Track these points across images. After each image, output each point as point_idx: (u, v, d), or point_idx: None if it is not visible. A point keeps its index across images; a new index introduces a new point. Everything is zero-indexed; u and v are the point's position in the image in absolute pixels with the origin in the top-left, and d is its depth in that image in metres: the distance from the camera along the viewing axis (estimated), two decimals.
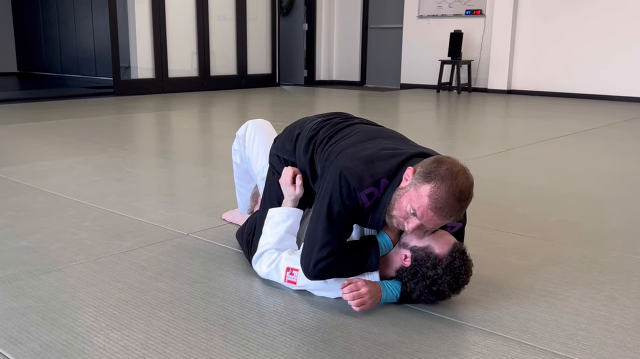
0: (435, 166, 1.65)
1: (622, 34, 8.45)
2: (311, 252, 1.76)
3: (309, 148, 1.99)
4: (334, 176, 1.74)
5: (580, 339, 1.66)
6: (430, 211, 1.63)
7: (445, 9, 10.07)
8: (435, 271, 1.72)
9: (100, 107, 7.08)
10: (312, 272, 1.77)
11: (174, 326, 1.68)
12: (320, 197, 1.77)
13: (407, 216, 1.68)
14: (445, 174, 1.63)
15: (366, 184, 1.71)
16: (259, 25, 10.43)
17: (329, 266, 1.76)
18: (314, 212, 1.80)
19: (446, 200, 1.61)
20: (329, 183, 1.75)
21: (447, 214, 1.64)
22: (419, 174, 1.66)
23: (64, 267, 2.11)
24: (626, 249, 2.39)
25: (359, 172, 1.72)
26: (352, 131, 1.96)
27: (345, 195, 1.71)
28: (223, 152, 4.31)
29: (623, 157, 4.35)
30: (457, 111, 7.41)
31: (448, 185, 1.61)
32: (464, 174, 1.66)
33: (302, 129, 2.09)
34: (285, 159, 2.10)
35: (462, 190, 1.63)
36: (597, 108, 7.64)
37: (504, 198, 3.15)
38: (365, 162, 1.74)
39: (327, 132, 1.98)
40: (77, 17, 12.80)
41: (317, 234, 1.75)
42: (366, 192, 1.71)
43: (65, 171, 3.62)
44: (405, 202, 1.67)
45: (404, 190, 1.68)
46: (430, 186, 1.62)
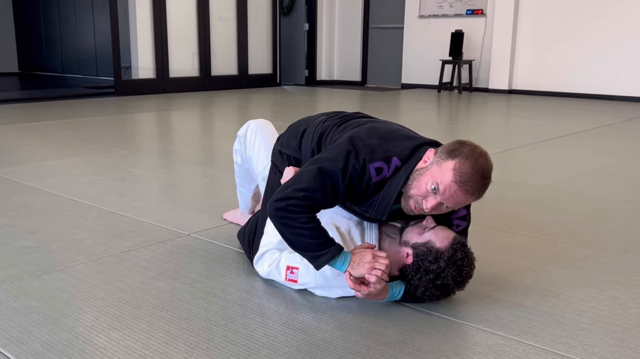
0: (459, 145, 1.68)
1: (622, 34, 8.44)
2: (287, 189, 1.69)
3: (318, 138, 1.98)
4: (345, 143, 1.73)
5: (582, 339, 1.66)
6: (455, 184, 1.63)
7: (446, 9, 10.07)
8: (438, 264, 1.72)
9: (102, 107, 7.09)
10: (277, 205, 1.67)
11: (175, 326, 1.68)
12: (323, 152, 1.74)
13: (427, 194, 1.67)
14: (469, 152, 1.65)
15: (377, 157, 1.71)
16: (260, 25, 10.43)
17: (293, 212, 1.66)
18: (309, 162, 1.77)
19: (471, 175, 1.62)
20: (338, 145, 1.73)
21: (470, 189, 1.64)
22: (441, 153, 1.68)
23: (65, 267, 2.11)
24: (628, 249, 2.39)
25: (372, 145, 1.72)
26: (363, 122, 1.97)
27: (351, 163, 1.69)
28: (224, 152, 4.31)
29: (624, 156, 4.35)
30: (458, 110, 7.40)
31: (473, 161, 1.63)
32: (485, 156, 1.69)
33: (308, 125, 2.09)
34: (289, 156, 2.09)
35: (484, 168, 1.65)
36: (597, 108, 7.63)
37: (505, 198, 3.15)
38: (380, 138, 1.75)
39: (335, 121, 1.99)
40: (78, 17, 12.81)
41: (302, 177, 1.70)
42: (375, 166, 1.71)
43: (66, 171, 3.62)
44: (426, 180, 1.67)
45: (425, 169, 1.69)
46: (455, 161, 1.64)
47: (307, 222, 1.69)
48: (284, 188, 1.73)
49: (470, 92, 9.71)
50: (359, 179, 1.72)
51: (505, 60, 9.43)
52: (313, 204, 1.70)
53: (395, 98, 8.93)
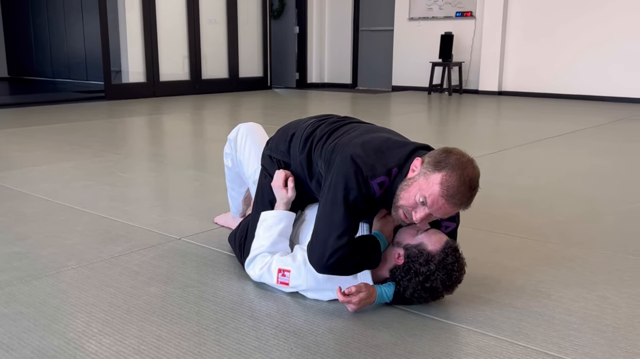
0: (445, 156, 1.67)
1: (611, 35, 8.50)
2: (327, 241, 1.71)
3: (306, 145, 1.98)
4: (347, 163, 1.73)
5: (573, 340, 1.67)
6: (442, 198, 1.64)
7: (436, 11, 10.10)
8: (428, 267, 1.73)
9: (92, 112, 7.06)
10: (329, 261, 1.71)
11: (166, 331, 1.68)
12: (332, 185, 1.74)
13: (416, 205, 1.68)
14: (455, 163, 1.65)
15: (378, 173, 1.72)
16: (250, 29, 10.43)
17: (346, 256, 1.72)
18: (325, 201, 1.76)
19: (458, 188, 1.63)
20: (341, 171, 1.73)
21: (458, 201, 1.65)
22: (428, 164, 1.68)
23: (56, 273, 2.10)
24: (618, 249, 2.40)
25: (371, 161, 1.73)
26: (352, 128, 1.96)
27: (361, 181, 1.71)
28: (215, 156, 4.31)
29: (613, 157, 4.38)
30: (448, 112, 7.43)
31: (459, 174, 1.63)
32: (472, 164, 1.68)
33: (297, 129, 2.09)
34: (279, 160, 2.09)
35: (472, 178, 1.65)
36: (586, 109, 7.68)
37: (496, 199, 3.16)
38: (376, 151, 1.75)
39: (325, 129, 1.98)
40: (68, 21, 12.76)
41: (335, 221, 1.71)
42: (378, 181, 1.72)
43: (57, 176, 3.60)
44: (414, 192, 1.67)
45: (413, 180, 1.69)
46: (442, 174, 1.64)
47: (356, 253, 1.76)
48: (322, 241, 1.73)
49: (460, 94, 9.75)
50: (368, 195, 1.74)
51: (495, 62, 9.47)
52: (354, 236, 1.75)
53: (385, 101, 8.95)
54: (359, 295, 1.75)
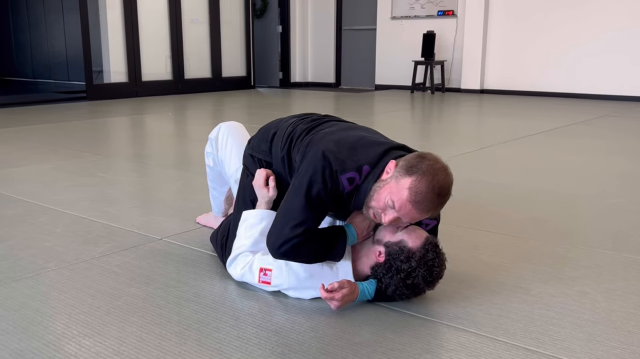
0: (418, 161, 1.67)
1: (591, 34, 8.59)
2: (282, 229, 1.74)
3: (286, 143, 1.98)
4: (316, 156, 1.73)
5: (552, 334, 1.68)
6: (409, 203, 1.65)
7: (418, 10, 10.14)
8: (409, 263, 1.74)
9: (73, 112, 7.00)
10: (281, 249, 1.74)
11: (147, 332, 1.67)
12: (300, 175, 1.75)
13: (385, 208, 1.69)
14: (427, 169, 1.65)
15: (348, 168, 1.72)
16: (233, 28, 10.40)
17: (299, 245, 1.73)
18: (291, 189, 1.77)
19: (425, 194, 1.63)
20: (311, 163, 1.74)
21: (425, 208, 1.66)
22: (400, 168, 1.68)
23: (35, 275, 2.08)
24: (596, 245, 2.43)
25: (342, 156, 1.72)
26: (331, 125, 1.97)
27: (327, 176, 1.71)
28: (197, 156, 4.29)
29: (593, 154, 4.42)
30: (431, 111, 7.46)
31: (429, 180, 1.63)
32: (445, 171, 1.68)
33: (278, 128, 2.09)
34: (260, 159, 2.09)
35: (442, 186, 1.65)
36: (568, 106, 7.75)
37: (476, 196, 3.19)
38: (349, 148, 1.75)
39: (305, 127, 1.98)
40: (48, 21, 12.64)
41: (293, 211, 1.73)
42: (347, 176, 1.72)
43: (36, 177, 3.57)
44: (384, 194, 1.68)
45: (385, 182, 1.69)
46: (412, 179, 1.64)
47: (313, 243, 1.76)
48: (279, 228, 1.75)
49: (442, 92, 9.80)
50: (335, 190, 1.74)
51: (477, 61, 9.53)
52: (312, 228, 1.75)
53: (369, 99, 8.96)
54: (342, 291, 1.75)
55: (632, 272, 2.14)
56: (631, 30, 8.28)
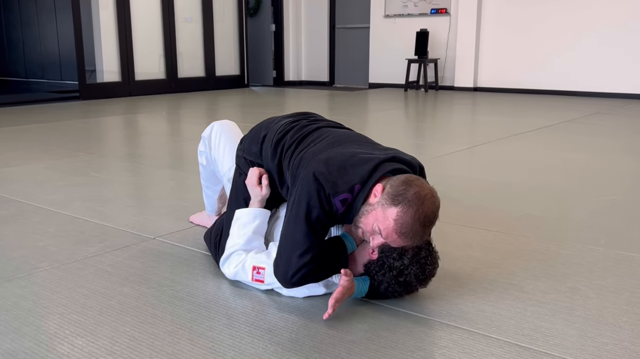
0: (404, 189, 1.66)
1: (584, 31, 8.62)
2: (290, 259, 1.73)
3: (277, 152, 1.98)
4: (309, 181, 1.72)
5: (544, 331, 1.69)
6: (395, 234, 1.66)
7: (411, 8, 10.15)
8: (402, 261, 1.74)
9: (66, 112, 6.98)
10: (293, 279, 1.74)
11: (140, 331, 1.67)
12: (295, 202, 1.75)
13: (373, 232, 1.70)
14: (412, 198, 1.64)
15: (341, 190, 1.71)
16: (226, 27, 10.39)
17: (310, 272, 1.74)
18: (289, 217, 1.77)
19: (411, 226, 1.64)
20: (304, 188, 1.73)
21: (411, 238, 1.67)
22: (387, 195, 1.67)
23: (28, 275, 2.07)
24: (588, 242, 2.44)
25: (333, 178, 1.72)
26: (321, 135, 1.95)
27: (323, 199, 1.71)
28: (191, 155, 4.29)
29: (586, 151, 4.44)
30: (424, 109, 7.47)
31: (414, 210, 1.63)
32: (432, 198, 1.67)
33: (269, 130, 2.08)
34: (252, 161, 2.09)
35: (427, 215, 1.65)
36: (560, 103, 7.78)
37: (470, 194, 3.19)
38: (339, 168, 1.74)
39: (295, 137, 1.97)
40: (41, 21, 12.59)
41: (297, 240, 1.73)
42: (340, 199, 1.71)
43: (29, 177, 3.56)
44: (372, 220, 1.68)
45: (372, 207, 1.69)
46: (397, 210, 1.64)
47: (320, 267, 1.76)
48: (286, 259, 1.74)
49: (436, 90, 9.81)
50: (330, 211, 1.74)
51: (470, 59, 9.54)
52: (319, 252, 1.75)
53: (363, 98, 8.97)
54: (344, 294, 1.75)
55: (623, 268, 2.15)
56: (624, 27, 8.31)
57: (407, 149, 1.93)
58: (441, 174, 3.65)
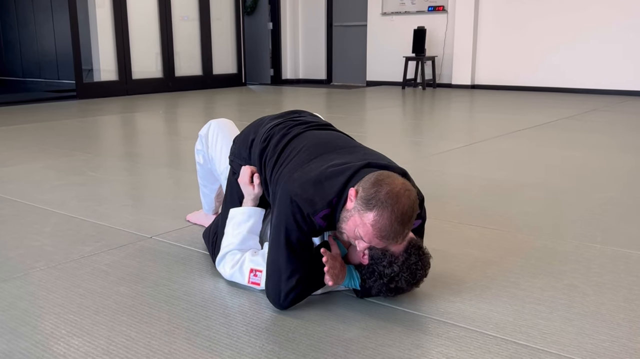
0: (375, 191, 1.63)
1: (581, 28, 8.61)
2: (278, 284, 1.74)
3: (261, 163, 2.00)
4: (285, 204, 1.72)
5: (541, 328, 1.69)
6: (376, 238, 1.65)
7: (408, 6, 10.14)
8: (392, 268, 1.73)
9: (63, 111, 6.96)
10: (284, 303, 1.75)
11: (136, 331, 1.66)
12: (275, 226, 1.75)
13: (356, 237, 1.69)
14: (385, 199, 1.61)
15: (319, 208, 1.70)
16: (224, 25, 10.37)
17: (300, 293, 1.76)
18: (271, 242, 1.78)
19: (390, 227, 1.62)
20: (281, 212, 1.73)
21: (392, 239, 1.65)
22: (361, 199, 1.65)
23: (24, 275, 2.07)
24: (585, 239, 2.44)
25: (310, 196, 1.70)
26: (300, 144, 1.93)
27: (300, 220, 1.70)
28: (188, 154, 4.28)
29: (583, 148, 4.44)
30: (422, 106, 7.47)
31: (389, 211, 1.61)
32: (405, 192, 1.64)
33: (256, 134, 2.09)
34: (242, 165, 2.09)
35: (404, 213, 1.62)
36: (558, 101, 7.78)
37: (467, 192, 3.19)
38: (314, 184, 1.72)
39: (276, 148, 1.96)
40: (38, 20, 12.56)
41: (281, 265, 1.73)
42: (321, 216, 1.71)
43: (25, 177, 3.55)
44: (352, 226, 1.67)
45: (350, 213, 1.67)
46: (373, 215, 1.62)
47: (310, 282, 1.77)
48: (275, 284, 1.75)
49: (434, 88, 9.81)
50: (312, 230, 1.74)
51: (467, 56, 9.54)
52: (304, 273, 1.75)
53: (360, 96, 8.96)
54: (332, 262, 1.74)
55: (620, 265, 2.15)
56: (621, 24, 8.31)
57: (405, 146, 1.92)
58: (438, 172, 3.65)
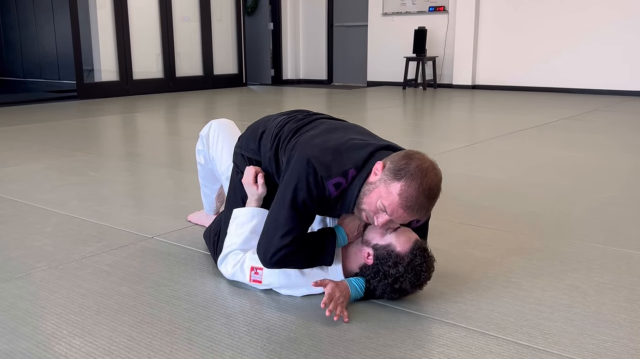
0: (405, 163, 1.65)
1: (582, 29, 8.61)
2: (271, 239, 1.73)
3: (274, 144, 1.98)
4: (301, 164, 1.71)
5: (543, 329, 1.69)
6: (401, 208, 1.64)
7: (409, 6, 10.14)
8: (397, 269, 1.73)
9: (64, 112, 6.96)
10: (272, 259, 1.74)
11: (137, 331, 1.66)
12: (285, 184, 1.74)
13: (377, 211, 1.68)
14: (414, 171, 1.63)
15: (334, 174, 1.70)
16: (224, 25, 10.37)
17: (290, 254, 1.74)
18: (277, 198, 1.76)
19: (416, 198, 1.62)
20: (295, 170, 1.72)
21: (417, 211, 1.65)
22: (388, 171, 1.66)
23: (25, 275, 2.07)
24: (587, 239, 2.44)
25: (327, 161, 1.70)
26: (318, 125, 1.95)
27: (312, 183, 1.69)
28: (189, 154, 4.28)
29: (583, 148, 4.44)
30: (423, 107, 7.47)
31: (418, 183, 1.62)
32: (433, 170, 1.67)
33: (267, 127, 2.08)
34: (249, 158, 2.09)
35: (431, 187, 1.64)
36: (559, 101, 7.77)
37: (468, 192, 3.19)
38: (333, 152, 1.73)
39: (292, 127, 1.97)
40: (39, 20, 12.56)
41: (280, 221, 1.73)
42: (334, 182, 1.70)
43: (26, 177, 3.55)
44: (375, 198, 1.67)
45: (374, 185, 1.67)
46: (401, 184, 1.62)
47: (303, 250, 1.76)
48: (268, 238, 1.75)
49: (434, 88, 9.80)
50: (323, 195, 1.73)
51: (468, 56, 9.54)
52: (300, 236, 1.75)
53: (361, 96, 8.96)
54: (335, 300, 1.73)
55: (622, 265, 2.15)
56: (622, 25, 8.31)
57: (405, 146, 1.92)
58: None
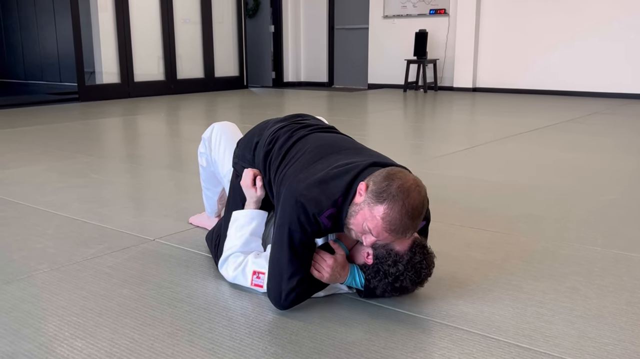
0: (387, 184, 1.64)
1: (581, 32, 8.62)
2: (279, 284, 1.74)
3: (266, 166, 2.00)
4: (290, 205, 1.72)
5: (544, 331, 1.69)
6: (385, 232, 1.65)
7: (410, 9, 10.15)
8: (397, 267, 1.74)
9: (65, 114, 6.97)
10: (285, 303, 1.76)
11: (139, 333, 1.67)
12: (279, 225, 1.75)
13: (364, 232, 1.69)
14: (396, 193, 1.62)
15: (325, 207, 1.70)
16: (225, 28, 10.39)
17: (300, 294, 1.76)
18: (274, 239, 1.78)
19: (400, 221, 1.63)
20: (286, 211, 1.73)
21: (402, 233, 1.66)
22: (371, 192, 1.65)
23: (27, 277, 2.07)
24: (587, 241, 2.44)
25: (315, 196, 1.70)
26: (305, 146, 1.94)
27: (305, 222, 1.70)
28: (190, 156, 4.28)
29: (584, 151, 4.44)
30: (423, 109, 7.47)
31: (400, 205, 1.62)
32: (417, 188, 1.66)
33: (260, 137, 2.09)
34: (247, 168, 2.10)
35: (415, 207, 1.63)
36: (559, 104, 7.78)
37: (469, 194, 3.19)
38: (320, 184, 1.73)
39: (281, 150, 1.97)
40: (40, 23, 12.59)
41: (283, 265, 1.74)
42: (326, 215, 1.71)
43: (28, 179, 3.56)
44: (360, 220, 1.67)
45: (359, 207, 1.68)
46: (384, 208, 1.62)
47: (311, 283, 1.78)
48: (276, 284, 1.75)
49: (435, 91, 9.81)
50: (317, 230, 1.74)
51: (469, 59, 9.54)
52: (305, 274, 1.76)
53: (362, 98, 8.97)
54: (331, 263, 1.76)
55: (622, 268, 2.15)
56: (622, 28, 8.32)
57: (406, 149, 1.92)
58: (440, 175, 3.66)
